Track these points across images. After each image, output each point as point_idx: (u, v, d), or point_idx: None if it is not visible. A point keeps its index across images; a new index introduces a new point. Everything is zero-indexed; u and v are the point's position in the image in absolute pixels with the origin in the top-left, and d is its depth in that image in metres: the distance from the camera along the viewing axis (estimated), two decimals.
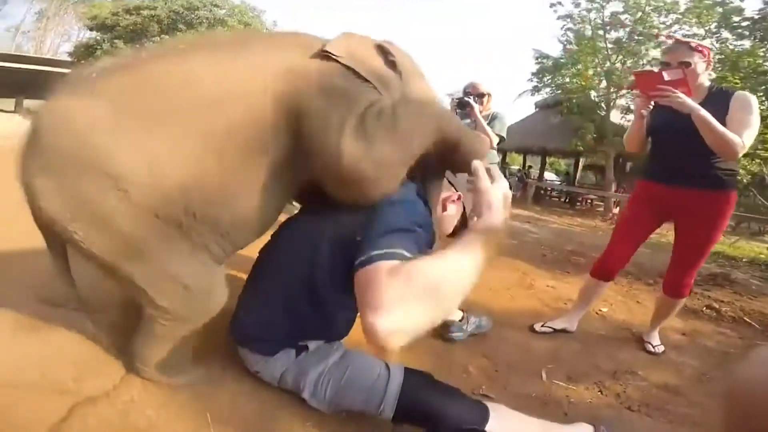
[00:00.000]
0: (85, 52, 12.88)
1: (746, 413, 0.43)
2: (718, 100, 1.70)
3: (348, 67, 1.08)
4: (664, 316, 2.11)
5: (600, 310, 2.70)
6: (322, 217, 1.15)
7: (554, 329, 2.14)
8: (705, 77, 1.78)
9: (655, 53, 10.94)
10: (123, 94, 0.97)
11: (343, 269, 1.01)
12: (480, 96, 2.75)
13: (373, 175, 1.02)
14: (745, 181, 10.39)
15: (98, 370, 1.18)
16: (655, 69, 1.74)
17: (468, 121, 2.67)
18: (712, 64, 1.82)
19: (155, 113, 0.97)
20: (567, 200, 13.12)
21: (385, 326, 0.77)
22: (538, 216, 8.28)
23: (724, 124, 1.62)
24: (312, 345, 1.17)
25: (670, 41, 1.87)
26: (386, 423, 1.11)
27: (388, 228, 0.95)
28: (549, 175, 18.30)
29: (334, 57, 1.06)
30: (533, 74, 12.86)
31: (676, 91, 1.61)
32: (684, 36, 10.61)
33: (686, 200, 1.84)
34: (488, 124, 2.72)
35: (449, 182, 1.37)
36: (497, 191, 1.00)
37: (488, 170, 1.05)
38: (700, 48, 1.74)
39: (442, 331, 1.97)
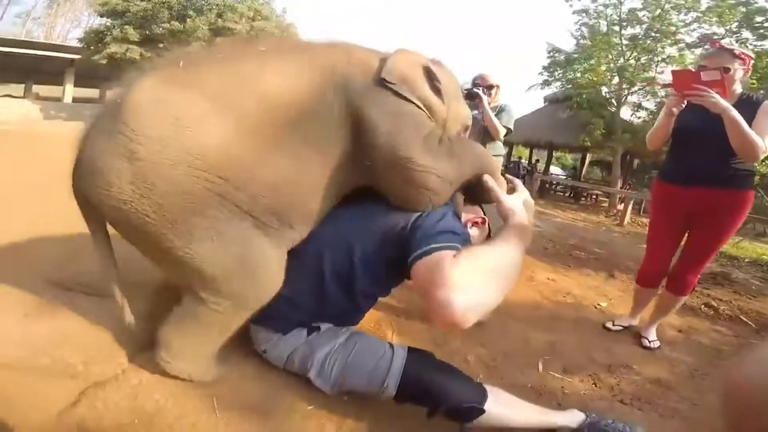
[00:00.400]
0: (95, 38, 12.84)
1: (745, 413, 0.43)
2: (746, 106, 1.71)
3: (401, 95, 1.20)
4: (663, 312, 2.14)
5: (599, 305, 2.73)
6: (367, 214, 1.23)
7: (623, 326, 2.28)
8: (739, 84, 1.79)
9: (672, 51, 10.78)
10: (214, 89, 1.04)
11: (380, 263, 1.15)
12: (489, 87, 2.76)
13: (434, 186, 1.17)
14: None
15: (107, 355, 1.22)
16: (693, 69, 1.73)
17: (476, 112, 2.68)
18: (750, 71, 1.82)
19: (240, 109, 1.05)
20: (572, 195, 13.08)
21: (460, 301, 0.84)
22: (542, 209, 8.25)
23: None
24: (324, 326, 1.23)
25: (713, 48, 1.84)
26: (389, 404, 1.16)
27: (441, 229, 1.05)
28: (555, 170, 18.20)
29: (389, 84, 1.18)
30: (544, 68, 12.75)
31: (710, 91, 1.63)
32: (703, 35, 10.47)
33: (706, 200, 1.86)
34: (496, 115, 2.73)
35: (480, 207, 1.41)
36: (517, 198, 1.16)
37: (511, 181, 1.24)
38: (743, 56, 1.75)
39: None
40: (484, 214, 1.38)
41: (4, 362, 1.12)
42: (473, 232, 1.32)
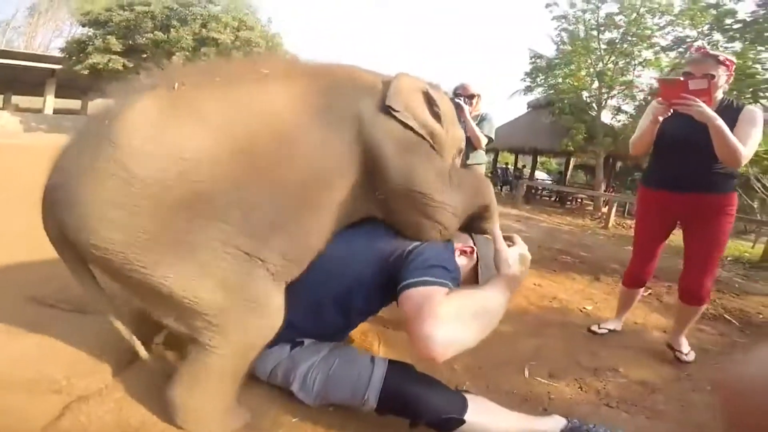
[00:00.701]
0: (77, 48, 12.66)
1: (745, 414, 0.43)
2: (728, 112, 1.75)
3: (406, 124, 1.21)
4: (684, 323, 2.08)
5: (584, 308, 2.76)
6: (366, 237, 1.26)
7: (608, 329, 2.30)
8: (721, 90, 1.82)
9: (648, 54, 11.11)
10: (215, 118, 0.98)
11: (377, 286, 1.18)
12: (470, 97, 2.82)
13: (447, 221, 1.24)
14: None
15: (91, 369, 1.20)
16: (681, 77, 1.76)
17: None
18: (732, 76, 1.85)
19: (242, 140, 0.99)
20: (557, 199, 13.29)
21: (443, 336, 0.91)
22: (528, 215, 8.35)
23: None
24: (307, 341, 1.23)
25: (697, 54, 1.89)
26: (372, 416, 1.16)
27: (436, 263, 1.09)
28: (541, 175, 18.49)
29: (394, 112, 1.19)
30: (526, 74, 12.99)
31: (698, 100, 1.66)
32: (676, 38, 10.78)
33: (690, 204, 1.90)
34: (477, 124, 2.81)
35: (470, 236, 1.43)
36: (514, 251, 1.23)
37: (511, 237, 1.30)
38: (727, 62, 1.79)
39: None
40: (474, 244, 1.39)
41: None
42: (461, 260, 1.33)
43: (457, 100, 2.70)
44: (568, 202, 12.93)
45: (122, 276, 0.94)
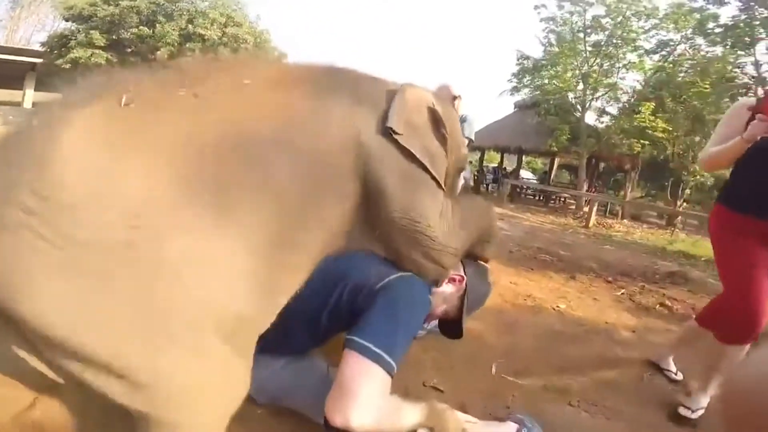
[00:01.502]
0: (59, 43, 12.41)
1: (745, 415, 0.43)
2: None
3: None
4: (717, 367, 1.65)
5: (557, 306, 2.79)
6: (353, 264, 1.14)
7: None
8: None
9: (632, 57, 11.35)
10: (172, 150, 0.77)
11: (349, 312, 1.08)
12: (452, 99, 2.85)
13: (448, 263, 1.18)
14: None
15: None
16: None
17: None
18: None
19: (209, 182, 0.79)
20: (542, 198, 13.50)
21: (355, 418, 0.91)
22: (513, 213, 8.44)
23: None
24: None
25: None
26: None
27: (396, 326, 1.02)
28: (526, 174, 18.73)
29: (395, 135, 1.05)
30: (513, 75, 13.18)
31: None
32: (660, 41, 10.99)
33: None
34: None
35: (462, 263, 1.38)
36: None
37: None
38: None
39: None
40: (465, 273, 1.35)
41: None
42: (448, 288, 1.30)
43: None
44: (552, 201, 13.14)
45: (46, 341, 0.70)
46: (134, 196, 0.71)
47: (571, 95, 12.41)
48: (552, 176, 15.86)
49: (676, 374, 1.93)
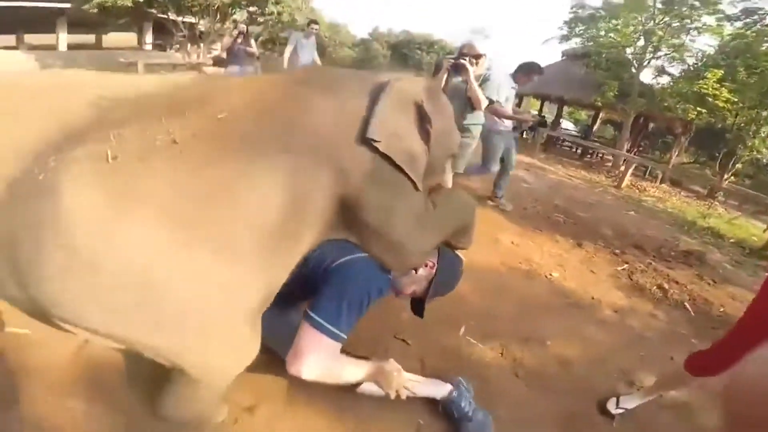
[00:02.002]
0: None
1: (746, 413, 0.42)
2: None
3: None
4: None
5: (551, 274, 2.83)
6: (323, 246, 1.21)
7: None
8: None
9: (709, 20, 9.94)
10: (165, 207, 0.88)
11: (313, 285, 1.20)
12: (476, 57, 2.86)
13: (417, 262, 1.31)
14: None
15: None
16: None
17: (460, 79, 2.86)
18: None
19: (199, 221, 0.92)
20: (577, 150, 12.92)
21: (304, 372, 1.14)
22: (541, 164, 8.09)
23: None
24: None
25: None
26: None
27: (349, 302, 1.15)
28: (567, 124, 17.66)
29: (375, 143, 1.08)
30: (565, 22, 12.01)
31: None
32: (747, 9, 9.43)
33: None
34: (480, 85, 2.90)
35: (438, 249, 1.44)
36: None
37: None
38: None
39: None
40: (438, 259, 1.40)
41: None
42: (421, 271, 1.38)
43: (461, 60, 2.79)
44: (589, 156, 12.51)
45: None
46: (139, 243, 0.85)
47: (629, 50, 11.25)
48: (594, 130, 14.94)
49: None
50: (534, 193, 5.24)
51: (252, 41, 6.07)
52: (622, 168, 8.23)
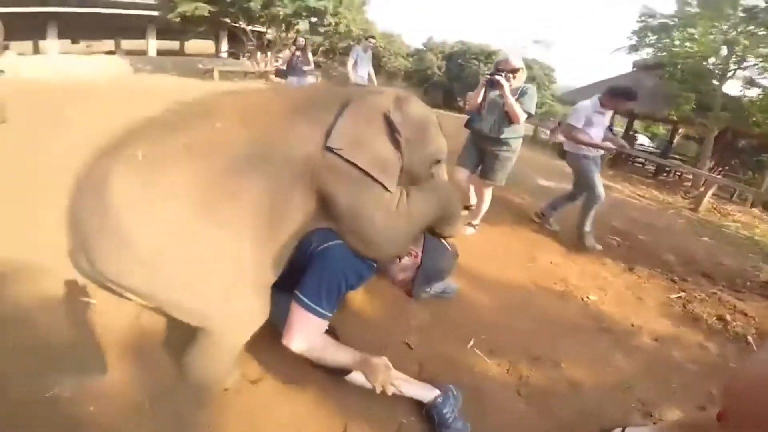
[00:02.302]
0: None
1: (746, 413, 0.44)
2: None
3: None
4: None
5: (587, 297, 2.68)
6: (312, 238, 1.38)
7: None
8: None
9: None
10: (183, 192, 1.13)
11: (299, 266, 1.35)
12: (512, 71, 2.89)
13: (388, 252, 1.40)
14: None
15: None
16: None
17: (497, 93, 2.91)
18: None
19: (211, 201, 1.16)
20: (645, 167, 11.91)
21: (292, 345, 1.30)
22: (606, 181, 7.57)
23: None
24: None
25: None
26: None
27: (330, 285, 1.30)
28: (643, 139, 16.28)
29: (336, 151, 1.24)
30: (634, 32, 11.23)
31: None
32: None
33: None
34: (518, 98, 2.88)
35: (424, 237, 1.56)
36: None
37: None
38: None
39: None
40: (424, 247, 1.50)
41: None
42: (406, 259, 1.49)
43: (497, 76, 2.82)
44: (664, 174, 11.45)
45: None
46: (165, 224, 1.11)
47: (712, 60, 10.18)
48: (673, 146, 13.58)
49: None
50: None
51: (309, 55, 6.70)
52: (702, 190, 7.44)
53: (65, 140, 3.35)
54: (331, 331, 1.45)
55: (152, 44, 16.03)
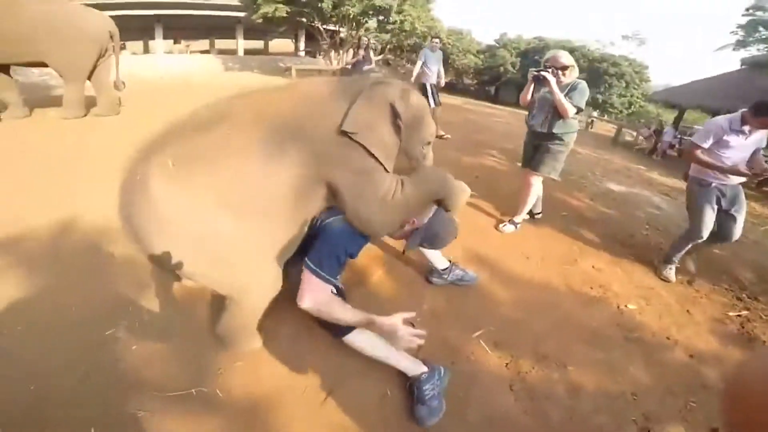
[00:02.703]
0: (251, 1, 13.71)
1: (748, 413, 0.41)
2: None
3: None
4: None
5: (625, 306, 2.53)
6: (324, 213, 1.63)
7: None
8: None
9: None
10: (209, 187, 1.33)
11: (309, 237, 1.57)
12: (562, 68, 2.90)
13: (384, 232, 1.60)
14: None
15: None
16: None
17: (546, 90, 2.95)
18: None
19: (237, 193, 1.37)
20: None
21: (302, 304, 1.48)
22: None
23: None
24: None
25: None
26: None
27: (335, 252, 1.51)
28: None
29: (350, 135, 1.44)
30: (740, 26, 9.80)
31: None
32: None
33: None
34: (567, 94, 2.89)
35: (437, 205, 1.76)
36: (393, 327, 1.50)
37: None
38: None
39: (428, 274, 2.32)
40: (433, 215, 1.69)
41: None
42: (407, 227, 1.69)
43: (543, 73, 2.86)
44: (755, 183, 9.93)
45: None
46: (200, 211, 1.31)
47: None
48: None
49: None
50: (660, 221, 4.45)
51: (370, 54, 7.11)
52: None
53: None
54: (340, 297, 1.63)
55: (240, 44, 17.55)
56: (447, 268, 2.32)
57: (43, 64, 5.37)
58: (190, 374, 1.59)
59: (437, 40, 6.46)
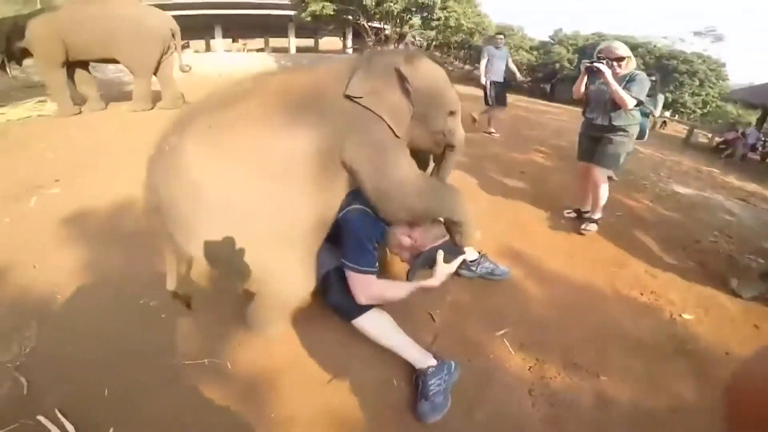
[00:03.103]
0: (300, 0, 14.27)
1: (750, 412, 0.40)
2: None
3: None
4: None
5: (680, 315, 2.26)
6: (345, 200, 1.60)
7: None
8: None
9: None
10: (241, 154, 1.34)
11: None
12: (618, 60, 2.79)
13: (401, 212, 1.53)
14: None
15: None
16: None
17: (600, 81, 2.80)
18: None
19: (264, 163, 1.36)
20: None
21: (359, 301, 1.50)
22: (764, 192, 6.04)
23: None
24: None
25: None
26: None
27: (364, 245, 1.50)
28: None
29: (355, 99, 1.42)
30: None
31: None
32: None
33: None
34: (625, 85, 2.77)
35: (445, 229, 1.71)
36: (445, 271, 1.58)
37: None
38: None
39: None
40: (440, 245, 1.62)
41: None
42: (407, 240, 1.62)
43: (597, 64, 2.74)
44: None
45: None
46: (231, 177, 1.31)
47: None
48: None
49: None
50: (732, 228, 3.92)
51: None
52: None
53: None
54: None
55: (292, 42, 18.21)
56: (476, 260, 2.22)
57: (115, 61, 5.86)
58: (207, 345, 1.65)
59: (502, 36, 6.26)
